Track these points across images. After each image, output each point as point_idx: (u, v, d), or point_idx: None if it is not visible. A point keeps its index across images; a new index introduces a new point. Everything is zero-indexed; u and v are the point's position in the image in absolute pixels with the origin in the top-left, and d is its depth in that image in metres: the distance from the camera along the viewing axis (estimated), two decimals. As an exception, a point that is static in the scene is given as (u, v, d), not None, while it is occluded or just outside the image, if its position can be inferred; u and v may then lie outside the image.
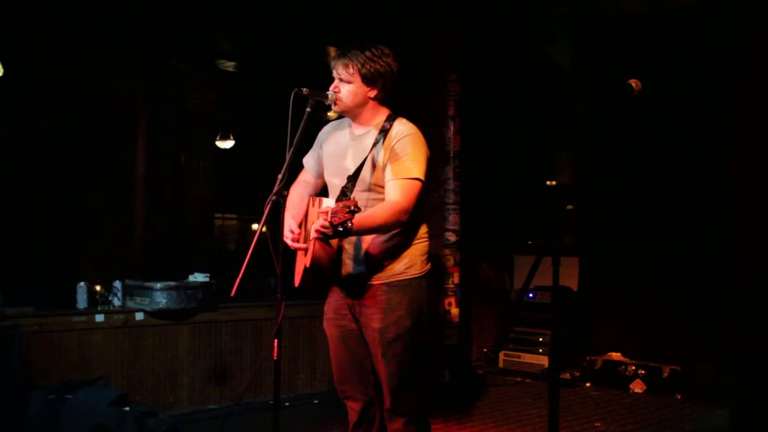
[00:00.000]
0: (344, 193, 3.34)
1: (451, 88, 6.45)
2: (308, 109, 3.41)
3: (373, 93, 3.43)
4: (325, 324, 3.63)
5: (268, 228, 3.42)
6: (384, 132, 3.36)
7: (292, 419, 5.57)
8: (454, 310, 6.41)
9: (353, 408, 3.58)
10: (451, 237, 6.43)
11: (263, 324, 6.12)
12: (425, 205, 3.45)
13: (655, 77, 5.99)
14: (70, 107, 6.97)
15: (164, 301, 5.55)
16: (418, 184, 3.26)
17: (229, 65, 8.60)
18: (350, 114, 3.49)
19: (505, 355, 7.46)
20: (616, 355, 7.03)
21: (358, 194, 3.34)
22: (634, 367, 6.75)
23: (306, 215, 3.57)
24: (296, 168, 3.75)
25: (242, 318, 6.09)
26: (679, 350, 6.65)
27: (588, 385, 6.93)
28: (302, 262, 3.49)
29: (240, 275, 3.42)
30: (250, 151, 9.41)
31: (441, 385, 6.47)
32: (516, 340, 7.45)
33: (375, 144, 3.34)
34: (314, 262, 3.25)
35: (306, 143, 3.60)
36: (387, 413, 3.44)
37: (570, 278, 7.49)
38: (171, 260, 7.24)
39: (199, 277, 5.90)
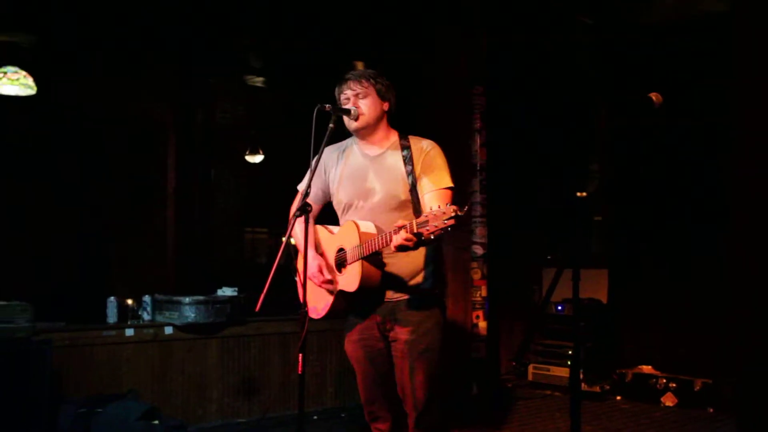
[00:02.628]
0: (416, 207, 3.34)
1: (477, 101, 6.44)
2: (331, 125, 3.45)
3: (386, 107, 3.52)
4: (349, 346, 3.61)
5: (290, 242, 3.44)
6: (407, 149, 3.44)
7: (320, 433, 5.60)
8: (482, 324, 6.38)
9: (381, 429, 3.59)
10: (478, 250, 6.40)
11: (291, 338, 6.15)
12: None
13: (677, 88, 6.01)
14: (101, 123, 7.10)
15: (193, 315, 5.60)
16: (451, 192, 3.35)
17: (258, 81, 8.67)
18: (367, 131, 3.51)
19: (534, 368, 7.42)
20: (646, 368, 6.97)
21: (389, 213, 3.39)
22: (665, 380, 6.68)
23: (317, 245, 3.62)
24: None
25: (270, 332, 6.14)
26: (711, 363, 6.57)
27: (618, 398, 6.86)
28: (321, 292, 3.54)
29: (265, 290, 3.46)
30: (279, 165, 9.47)
31: (469, 399, 6.44)
32: (545, 353, 7.40)
33: (404, 161, 3.41)
34: (362, 283, 3.28)
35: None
36: (415, 423, 3.43)
37: (599, 291, 7.43)
38: (202, 275, 7.32)
39: (227, 291, 5.96)
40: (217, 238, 8.90)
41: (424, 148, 3.42)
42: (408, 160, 3.39)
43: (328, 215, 3.73)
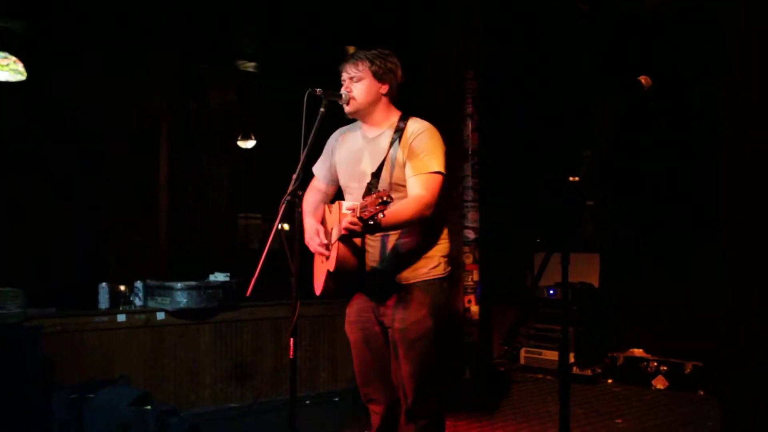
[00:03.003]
0: (369, 190, 3.33)
1: (469, 86, 6.44)
2: (322, 110, 3.45)
3: (384, 89, 3.46)
4: (347, 327, 3.62)
5: (283, 227, 3.45)
6: (399, 131, 3.38)
7: (312, 417, 5.61)
8: (474, 308, 6.40)
9: (376, 412, 3.57)
10: (470, 234, 6.41)
11: (283, 322, 6.16)
12: (446, 204, 3.45)
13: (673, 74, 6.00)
14: (93, 112, 7.06)
15: (185, 300, 5.60)
16: (439, 177, 3.27)
17: (250, 66, 8.63)
18: (363, 113, 3.49)
19: (526, 351, 7.45)
20: (638, 352, 7.01)
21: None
22: (656, 364, 6.72)
23: (323, 222, 3.59)
24: (310, 168, 3.77)
25: (262, 317, 6.14)
26: (701, 346, 6.60)
27: (610, 381, 6.90)
28: (322, 269, 3.52)
29: (255, 275, 3.47)
30: (272, 150, 9.45)
31: (462, 383, 6.46)
32: (537, 336, 7.43)
33: (392, 143, 3.36)
34: (339, 265, 3.25)
35: (320, 143, 3.63)
36: (406, 414, 3.39)
37: (591, 275, 7.46)
38: (195, 260, 7.31)
39: (219, 277, 5.96)
40: (210, 223, 8.89)
41: (415, 131, 3.35)
42: (396, 143, 3.35)
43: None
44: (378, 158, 3.40)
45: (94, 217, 6.79)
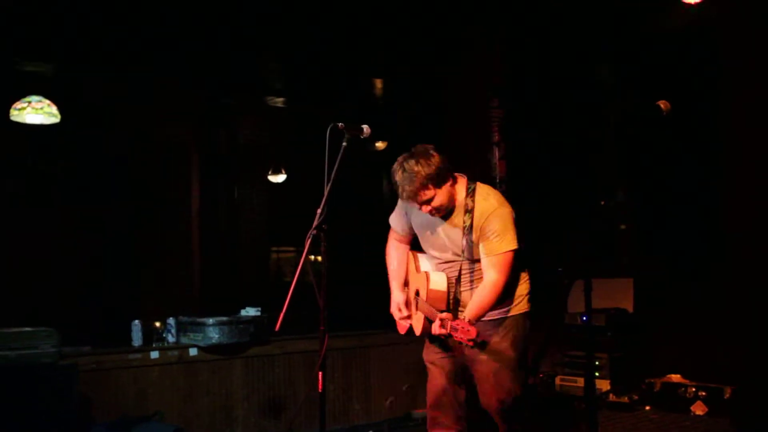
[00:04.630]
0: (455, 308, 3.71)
1: (495, 114, 6.46)
2: (344, 144, 3.53)
3: (449, 183, 3.64)
4: (425, 351, 3.95)
5: (313, 259, 3.51)
6: (469, 212, 3.64)
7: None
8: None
9: None
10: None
11: (315, 356, 6.10)
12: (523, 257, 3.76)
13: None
14: (125, 147, 7.18)
15: (217, 336, 5.64)
16: (509, 255, 3.60)
17: (279, 101, 8.74)
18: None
19: (561, 379, 7.36)
20: (675, 377, 6.88)
21: (466, 264, 3.72)
22: (694, 389, 6.59)
23: (407, 278, 4.00)
24: (334, 202, 3.79)
25: (294, 350, 6.16)
26: (740, 370, 6.47)
27: (647, 408, 6.78)
28: (419, 317, 3.84)
29: (283, 310, 3.52)
30: (302, 184, 9.51)
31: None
32: (571, 363, 7.34)
33: (464, 226, 3.64)
34: (425, 331, 3.74)
35: (343, 176, 3.66)
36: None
37: (626, 300, 7.37)
38: (227, 295, 7.36)
39: (250, 311, 6.00)
40: (243, 257, 8.95)
41: (484, 213, 3.61)
42: (468, 230, 3.63)
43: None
44: (455, 236, 3.69)
45: (125, 253, 6.88)
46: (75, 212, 6.63)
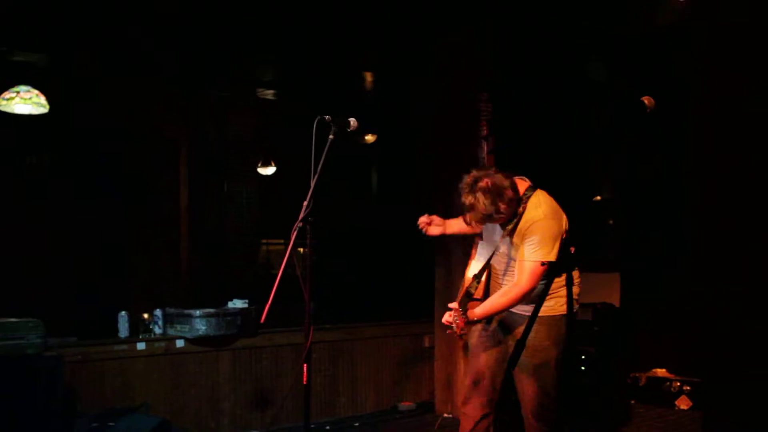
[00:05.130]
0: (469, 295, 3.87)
1: (483, 108, 6.44)
2: (331, 137, 3.57)
3: (509, 197, 3.70)
4: (471, 334, 4.14)
5: (300, 251, 3.52)
6: (519, 216, 3.79)
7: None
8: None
9: (470, 416, 4.04)
10: (488, 256, 6.39)
11: (303, 348, 6.14)
12: (563, 264, 3.84)
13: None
14: (114, 140, 7.17)
15: (204, 328, 5.64)
16: (539, 266, 3.72)
17: (269, 93, 8.72)
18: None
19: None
20: (660, 372, 6.93)
21: (505, 262, 3.95)
22: (679, 383, 6.64)
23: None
24: (320, 194, 3.80)
25: (282, 343, 6.17)
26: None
27: (633, 402, 6.83)
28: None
29: (269, 302, 3.54)
30: (292, 176, 9.50)
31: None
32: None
33: (509, 229, 3.80)
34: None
35: (329, 169, 3.67)
36: (527, 429, 4.01)
37: (612, 295, 7.39)
38: (216, 287, 7.35)
39: (238, 303, 5.99)
40: (232, 250, 8.94)
41: (529, 220, 3.77)
42: (511, 233, 3.80)
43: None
44: (504, 236, 3.87)
45: (113, 245, 6.87)
46: (63, 204, 6.61)
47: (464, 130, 6.48)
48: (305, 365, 3.57)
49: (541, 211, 3.77)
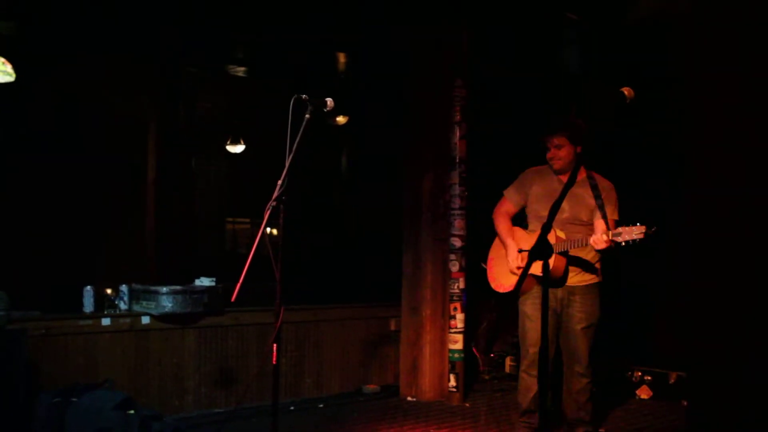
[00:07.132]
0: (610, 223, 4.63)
1: (457, 94, 6.45)
2: (307, 116, 3.57)
3: (578, 149, 4.78)
4: (524, 303, 4.99)
5: (270, 232, 3.49)
6: (595, 186, 4.74)
7: (294, 423, 5.60)
8: (460, 315, 6.41)
9: (533, 375, 4.96)
10: (457, 242, 6.42)
11: (268, 328, 6.13)
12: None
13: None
14: (81, 111, 7.06)
15: (170, 305, 5.60)
16: (615, 224, 4.62)
17: (240, 71, 8.65)
18: (566, 170, 4.81)
19: (512, 360, 7.45)
20: (622, 361, 7.01)
21: (572, 226, 4.79)
22: (640, 373, 6.73)
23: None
24: (295, 174, 3.77)
25: (248, 322, 6.14)
26: (685, 356, 6.61)
27: (594, 390, 6.89)
28: (507, 273, 4.95)
29: (240, 281, 3.51)
30: (261, 155, 9.45)
31: (447, 393, 6.47)
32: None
33: (594, 195, 4.71)
34: (554, 273, 4.67)
35: (305, 148, 3.64)
36: (577, 374, 4.92)
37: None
38: (182, 265, 7.30)
39: (205, 281, 5.95)
40: (198, 228, 8.88)
41: (606, 187, 4.81)
42: (597, 195, 4.68)
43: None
44: (574, 201, 4.75)
45: (79, 220, 6.77)
46: (29, 176, 6.50)
47: (438, 115, 6.48)
48: (275, 345, 3.54)
49: (608, 181, 4.87)
